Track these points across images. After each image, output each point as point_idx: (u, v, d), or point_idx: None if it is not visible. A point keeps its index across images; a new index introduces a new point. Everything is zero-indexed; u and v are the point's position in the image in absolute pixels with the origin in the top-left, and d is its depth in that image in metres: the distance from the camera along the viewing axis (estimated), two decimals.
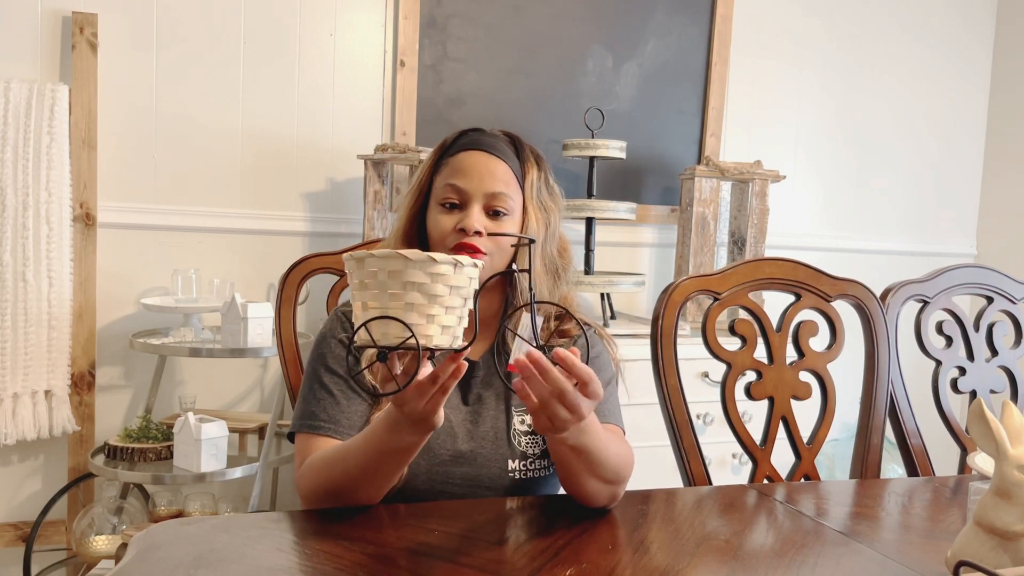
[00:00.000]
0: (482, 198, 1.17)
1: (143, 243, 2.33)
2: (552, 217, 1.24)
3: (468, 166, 1.19)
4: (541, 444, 1.22)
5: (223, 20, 2.35)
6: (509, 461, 1.19)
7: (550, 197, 1.24)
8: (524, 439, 1.21)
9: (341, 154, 2.47)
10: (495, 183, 1.18)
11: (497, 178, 1.18)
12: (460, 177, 1.18)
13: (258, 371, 2.47)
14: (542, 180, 1.24)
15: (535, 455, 1.21)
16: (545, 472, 1.22)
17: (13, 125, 2.11)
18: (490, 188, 1.18)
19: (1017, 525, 0.85)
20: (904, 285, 1.59)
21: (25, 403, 2.13)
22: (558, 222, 1.26)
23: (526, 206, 1.21)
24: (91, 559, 2.11)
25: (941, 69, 3.20)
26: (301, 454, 1.15)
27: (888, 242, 3.18)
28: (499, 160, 1.20)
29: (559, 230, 1.27)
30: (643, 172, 2.80)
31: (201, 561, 0.88)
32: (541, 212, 1.22)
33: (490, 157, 1.19)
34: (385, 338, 0.84)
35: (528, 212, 1.21)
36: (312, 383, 1.19)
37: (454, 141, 1.24)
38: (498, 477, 1.18)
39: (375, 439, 1.01)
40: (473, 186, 1.17)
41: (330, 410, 1.16)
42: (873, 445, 1.51)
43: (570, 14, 2.67)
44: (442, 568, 0.90)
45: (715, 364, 1.44)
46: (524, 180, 1.21)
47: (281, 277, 1.44)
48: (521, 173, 1.21)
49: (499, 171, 1.19)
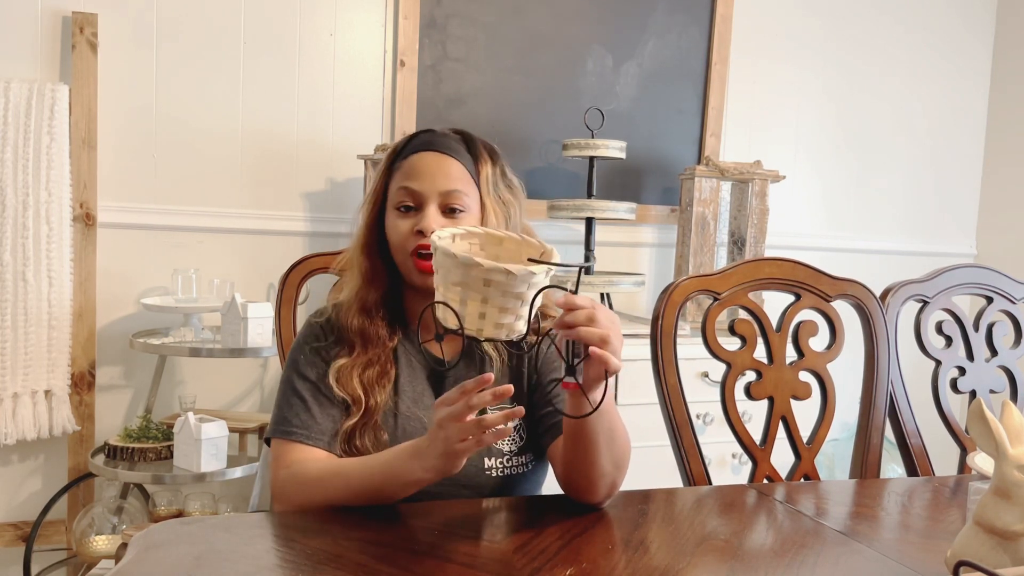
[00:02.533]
0: (437, 197, 1.18)
1: (143, 243, 2.33)
2: (512, 210, 1.23)
3: (420, 167, 1.19)
4: (518, 441, 1.22)
5: (223, 20, 2.35)
6: (485, 459, 1.19)
7: (508, 190, 1.24)
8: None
9: (341, 154, 2.47)
10: (448, 181, 1.18)
11: (450, 176, 1.18)
12: (413, 179, 1.18)
13: (258, 371, 2.47)
14: (497, 174, 1.23)
15: (512, 452, 1.21)
16: (524, 469, 1.22)
17: (13, 125, 2.11)
18: (444, 187, 1.18)
19: (1017, 525, 0.85)
20: (904, 285, 1.59)
21: (25, 403, 2.13)
22: (520, 215, 1.25)
23: (483, 201, 1.21)
24: (91, 559, 2.11)
25: (941, 69, 3.20)
26: (278, 459, 1.17)
27: (888, 242, 3.18)
28: (450, 158, 1.20)
29: (522, 223, 1.26)
30: (643, 172, 2.80)
31: (201, 561, 0.88)
32: (500, 206, 1.22)
33: (441, 156, 1.20)
34: (446, 322, 0.93)
35: (486, 207, 1.20)
36: (286, 390, 1.20)
37: (405, 144, 1.24)
38: (475, 475, 1.18)
39: (390, 461, 1.03)
40: (427, 187, 1.18)
41: (302, 416, 1.17)
42: (873, 445, 1.51)
43: (570, 14, 2.67)
44: (442, 568, 0.90)
45: (715, 364, 1.44)
46: (479, 176, 1.21)
47: (281, 277, 1.44)
48: (475, 169, 1.21)
49: (452, 169, 1.19)
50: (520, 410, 0.97)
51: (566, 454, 1.10)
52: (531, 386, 1.24)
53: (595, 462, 1.06)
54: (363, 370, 1.18)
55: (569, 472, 1.11)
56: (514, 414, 0.96)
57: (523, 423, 1.23)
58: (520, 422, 1.22)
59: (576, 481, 1.10)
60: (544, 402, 1.22)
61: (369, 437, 1.17)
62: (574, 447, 1.07)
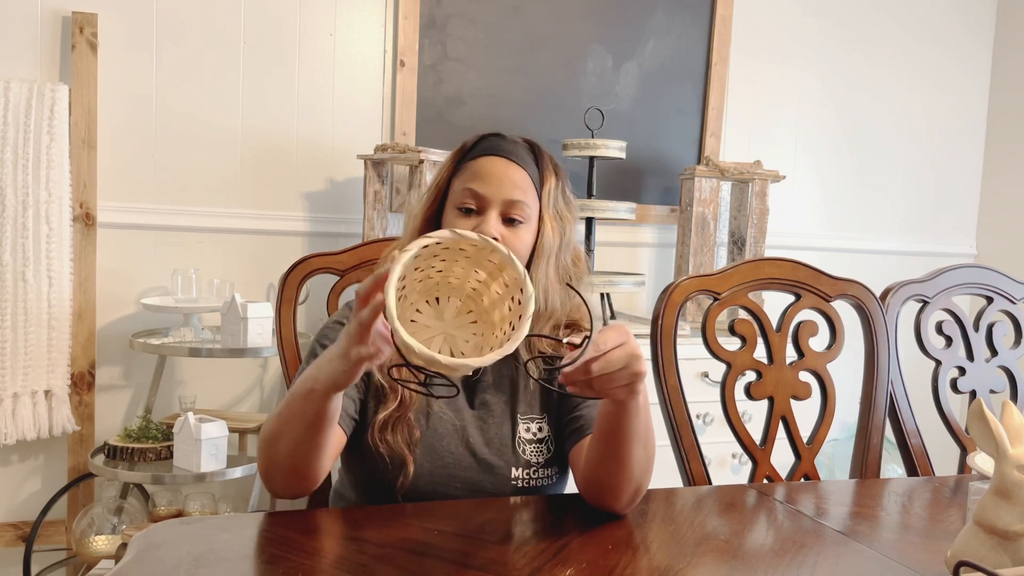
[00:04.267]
0: (500, 205, 1.16)
1: (143, 243, 2.33)
2: (567, 227, 1.23)
3: (487, 171, 1.17)
4: (546, 453, 1.21)
5: (223, 20, 2.35)
6: (513, 469, 1.19)
7: (566, 207, 1.23)
8: (529, 447, 1.20)
9: (341, 154, 2.47)
10: (514, 190, 1.17)
11: (516, 185, 1.17)
12: (479, 182, 1.17)
13: (258, 371, 2.47)
14: (559, 190, 1.22)
15: (539, 464, 1.20)
16: (549, 481, 1.21)
17: (13, 125, 2.11)
18: (508, 195, 1.16)
19: (1017, 525, 0.85)
20: (904, 285, 1.59)
21: (25, 403, 2.13)
22: (573, 232, 1.25)
23: (542, 215, 1.19)
24: (91, 559, 2.11)
25: (941, 69, 3.20)
26: None
27: (888, 242, 3.18)
28: (518, 167, 1.18)
29: (574, 239, 1.26)
30: (643, 172, 2.80)
31: (201, 561, 0.88)
32: (557, 221, 1.21)
33: (509, 164, 1.18)
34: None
35: (544, 221, 1.19)
36: (309, 360, 1.18)
37: (474, 145, 1.22)
38: (501, 485, 1.18)
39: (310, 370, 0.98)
40: (491, 192, 1.16)
41: None
42: (873, 445, 1.51)
43: (570, 14, 2.68)
44: (443, 568, 0.90)
45: (715, 364, 1.44)
46: (542, 189, 1.20)
47: (281, 277, 1.44)
48: (539, 182, 1.20)
49: (518, 178, 1.18)
50: (382, 273, 0.88)
51: (597, 454, 1.07)
52: (560, 395, 1.22)
53: (626, 463, 1.04)
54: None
55: (597, 473, 1.08)
56: (375, 289, 0.88)
57: (551, 436, 1.22)
58: (548, 435, 1.22)
59: (603, 483, 1.07)
60: (570, 408, 1.21)
61: (402, 432, 1.16)
62: (606, 446, 1.05)
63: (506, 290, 0.96)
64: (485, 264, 0.96)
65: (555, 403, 1.23)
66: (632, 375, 0.94)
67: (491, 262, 0.95)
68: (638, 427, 1.03)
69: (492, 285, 0.97)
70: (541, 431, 1.22)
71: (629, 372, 0.93)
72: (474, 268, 0.96)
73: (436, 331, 0.97)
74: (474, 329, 0.98)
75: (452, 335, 0.98)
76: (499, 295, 0.97)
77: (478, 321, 0.98)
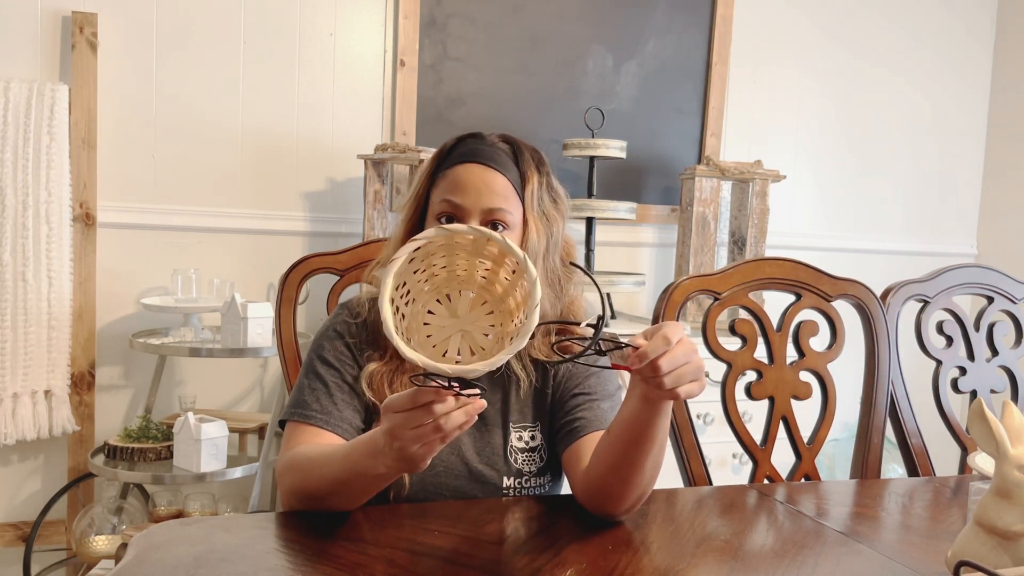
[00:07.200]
0: (480, 214, 1.13)
1: (143, 243, 2.33)
2: (554, 226, 1.19)
3: (465, 181, 1.14)
4: (538, 462, 1.20)
5: (223, 20, 2.35)
6: (504, 478, 1.17)
7: (552, 204, 1.20)
8: (521, 456, 1.19)
9: (341, 154, 2.47)
10: (493, 198, 1.14)
11: (495, 192, 1.14)
12: (457, 192, 1.14)
13: (258, 371, 2.47)
14: (543, 187, 1.19)
15: (531, 473, 1.19)
16: (542, 490, 1.20)
17: (13, 125, 2.10)
18: (488, 204, 1.13)
19: (1017, 525, 0.85)
20: (904, 285, 1.59)
21: (25, 403, 2.13)
22: (561, 229, 1.21)
23: (526, 218, 1.16)
24: (91, 559, 2.11)
25: (941, 70, 3.20)
26: (288, 442, 1.13)
27: (888, 242, 3.18)
28: (497, 173, 1.15)
29: (564, 234, 1.22)
30: (643, 172, 2.80)
31: (201, 561, 0.88)
32: (542, 222, 1.17)
33: (487, 170, 1.15)
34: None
35: (528, 224, 1.16)
36: (308, 373, 1.18)
37: (450, 151, 1.19)
38: (492, 494, 1.17)
39: (353, 457, 0.99)
40: (470, 202, 1.13)
41: (323, 400, 1.14)
42: (873, 445, 1.51)
43: (570, 14, 2.67)
44: (442, 568, 0.90)
45: (715, 364, 1.44)
46: (524, 191, 1.17)
47: (281, 277, 1.44)
48: (520, 184, 1.17)
49: (497, 185, 1.14)
50: (482, 403, 0.88)
51: (611, 458, 1.04)
52: (553, 401, 1.21)
53: (641, 468, 1.02)
54: (393, 376, 1.15)
55: (606, 477, 1.05)
56: (476, 407, 0.88)
57: (544, 443, 1.21)
58: (541, 443, 1.21)
59: (610, 487, 1.05)
60: (563, 413, 1.19)
61: None
62: (625, 449, 1.02)
63: (514, 276, 0.94)
64: (486, 253, 0.94)
65: (548, 408, 1.21)
66: (697, 369, 0.93)
67: (491, 251, 0.93)
68: (664, 430, 1.01)
69: (500, 272, 0.95)
70: (534, 439, 1.20)
71: (694, 367, 0.92)
72: (477, 259, 0.94)
73: (452, 329, 0.95)
74: (491, 320, 0.96)
75: (469, 331, 0.95)
76: (509, 280, 0.94)
77: (494, 311, 0.96)
